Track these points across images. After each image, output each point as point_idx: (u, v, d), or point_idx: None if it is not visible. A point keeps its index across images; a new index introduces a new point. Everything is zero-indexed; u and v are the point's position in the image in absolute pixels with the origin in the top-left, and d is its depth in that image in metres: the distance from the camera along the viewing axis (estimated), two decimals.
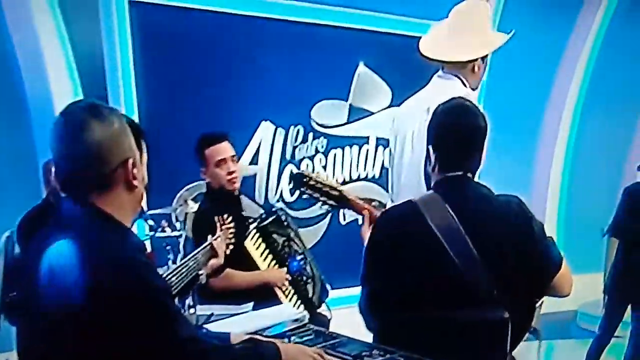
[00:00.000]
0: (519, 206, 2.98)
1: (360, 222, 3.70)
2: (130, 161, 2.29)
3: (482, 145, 3.01)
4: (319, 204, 3.82)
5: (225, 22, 6.62)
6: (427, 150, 3.04)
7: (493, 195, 3.02)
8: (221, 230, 4.34)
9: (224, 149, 4.87)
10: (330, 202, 3.66)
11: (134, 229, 2.46)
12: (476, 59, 4.08)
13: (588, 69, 9.26)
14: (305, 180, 3.64)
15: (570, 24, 9.10)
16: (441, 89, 3.85)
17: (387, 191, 4.19)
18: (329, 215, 7.27)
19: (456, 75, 4.06)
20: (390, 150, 4.21)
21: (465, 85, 4.04)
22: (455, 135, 2.98)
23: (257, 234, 4.83)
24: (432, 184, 3.05)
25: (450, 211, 2.88)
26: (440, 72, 4.13)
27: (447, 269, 2.82)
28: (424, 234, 2.85)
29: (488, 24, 4.20)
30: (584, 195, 9.24)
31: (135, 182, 2.33)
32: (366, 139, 7.64)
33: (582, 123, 9.36)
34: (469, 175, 3.01)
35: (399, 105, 6.96)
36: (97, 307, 2.13)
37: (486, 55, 4.13)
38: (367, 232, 3.33)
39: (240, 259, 4.64)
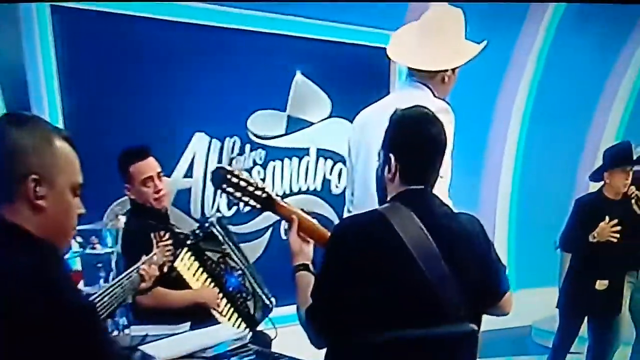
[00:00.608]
0: (480, 225, 3.02)
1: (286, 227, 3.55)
2: (31, 178, 2.17)
3: (442, 159, 3.01)
4: (258, 217, 3.73)
5: (155, 29, 6.45)
6: (387, 158, 3.00)
7: (454, 212, 3.06)
8: (157, 247, 4.24)
9: (150, 165, 4.79)
10: (255, 203, 3.43)
11: None
12: (446, 70, 4.04)
13: (535, 78, 9.21)
14: (228, 177, 3.40)
15: (514, 34, 9.06)
16: (409, 98, 3.68)
17: (332, 205, 4.07)
18: (270, 229, 7.16)
19: (425, 84, 4.02)
20: (349, 161, 4.14)
21: (435, 96, 3.99)
22: (423, 146, 2.97)
23: (189, 253, 4.72)
24: (390, 195, 3.03)
25: (421, 224, 2.86)
26: (406, 80, 4.08)
27: (418, 282, 2.80)
28: (393, 245, 2.81)
29: (462, 33, 4.11)
30: (536, 207, 9.19)
31: (39, 203, 2.23)
32: (306, 151, 7.54)
33: (530, 133, 9.30)
34: (429, 189, 3.01)
35: (340, 116, 7.34)
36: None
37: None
38: (295, 240, 3.30)
39: (172, 279, 4.55)
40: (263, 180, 7.22)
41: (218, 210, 6.89)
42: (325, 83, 7.52)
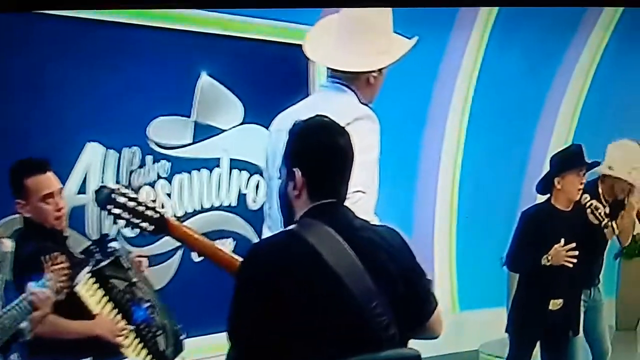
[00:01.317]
0: (402, 238, 3.02)
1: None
2: None
3: (351, 171, 2.98)
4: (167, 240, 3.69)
5: (38, 24, 6.06)
6: (291, 173, 2.94)
7: (373, 225, 3.07)
8: (50, 272, 3.99)
9: (50, 181, 4.62)
10: (146, 226, 3.30)
11: None
12: (372, 71, 3.89)
13: (470, 86, 9.06)
14: (113, 196, 3.23)
15: (443, 39, 8.92)
16: (330, 102, 3.68)
17: (250, 222, 4.00)
18: (180, 251, 6.80)
19: (348, 87, 3.86)
20: (266, 171, 4.05)
21: (359, 100, 3.85)
22: (331, 157, 2.95)
23: (92, 279, 4.48)
24: (299, 213, 2.96)
25: (340, 238, 2.82)
26: (326, 82, 3.95)
27: (346, 301, 2.77)
28: (313, 265, 2.77)
29: (389, 27, 3.95)
30: (479, 221, 9.04)
31: None
32: (217, 162, 7.18)
33: (469, 144, 9.15)
34: (342, 203, 2.98)
35: (254, 122, 7.00)
36: None
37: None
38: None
39: (73, 308, 4.32)
40: (169, 195, 6.88)
41: (118, 231, 6.36)
42: (235, 85, 7.19)
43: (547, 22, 8.95)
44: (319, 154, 2.95)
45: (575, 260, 5.90)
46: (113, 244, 4.72)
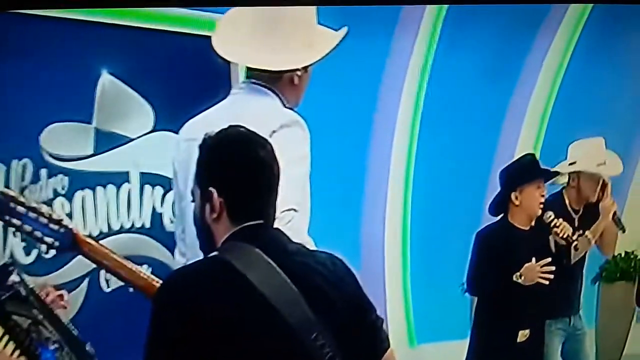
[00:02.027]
0: (345, 266, 2.96)
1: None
2: None
3: (278, 188, 2.92)
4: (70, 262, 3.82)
5: None
6: (206, 194, 2.85)
7: (311, 250, 3.05)
8: None
9: None
10: (50, 240, 3.27)
11: None
12: (296, 69, 3.82)
13: (420, 91, 8.85)
14: (12, 206, 3.18)
15: (387, 38, 8.72)
16: (246, 108, 3.62)
17: (167, 245, 3.92)
18: (86, 280, 6.46)
19: (269, 89, 3.77)
20: (175, 187, 3.96)
21: (284, 104, 3.77)
22: (252, 173, 2.86)
23: None
24: (220, 238, 2.88)
25: (272, 263, 2.75)
26: (243, 83, 3.90)
27: (282, 333, 2.70)
28: (244, 293, 2.70)
29: (313, 18, 3.87)
30: (435, 245, 8.86)
31: None
32: (126, 176, 6.75)
33: (421, 157, 8.96)
34: (271, 225, 2.93)
35: (167, 129, 6.57)
36: None
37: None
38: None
39: None
40: (69, 216, 6.42)
41: (12, 257, 6.18)
42: (143, 85, 6.77)
43: (503, 21, 8.77)
44: (237, 171, 2.86)
45: (551, 277, 5.82)
46: (13, 277, 4.12)
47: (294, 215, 3.37)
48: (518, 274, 5.86)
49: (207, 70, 6.71)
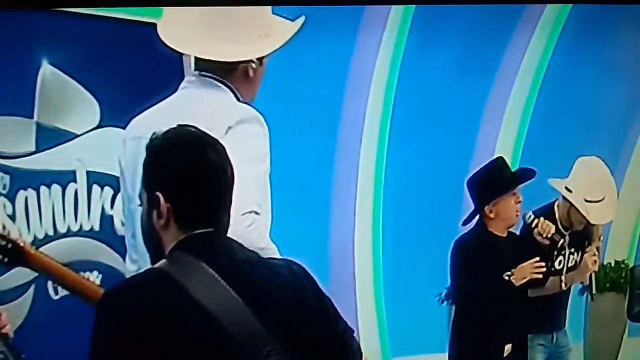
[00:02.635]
0: (307, 274, 2.88)
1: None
2: None
3: (232, 192, 2.83)
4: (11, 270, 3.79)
5: None
6: (154, 199, 2.77)
7: (266, 259, 2.94)
8: None
9: None
10: (1, 258, 3.33)
11: None
12: (251, 60, 3.76)
13: (389, 92, 8.74)
14: None
15: (351, 36, 8.65)
16: (197, 103, 3.57)
17: (118, 250, 4.01)
18: (32, 285, 6.31)
19: (222, 82, 3.70)
20: (123, 188, 3.98)
21: (238, 99, 3.71)
22: (202, 177, 2.77)
23: None
24: (168, 246, 2.80)
25: (217, 276, 2.67)
26: (192, 76, 3.79)
27: (231, 356, 2.64)
28: (185, 310, 2.62)
29: (268, 8, 3.86)
30: (408, 254, 8.72)
31: None
32: (72, 175, 6.57)
33: (393, 159, 8.76)
34: (222, 231, 2.83)
35: (115, 125, 6.44)
36: None
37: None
38: None
39: None
40: (12, 218, 6.30)
41: None
42: (88, 77, 6.59)
43: (474, 21, 8.70)
44: (186, 174, 2.79)
45: (544, 270, 5.81)
46: None
47: (255, 218, 3.30)
48: (509, 272, 5.80)
49: (158, 61, 6.61)
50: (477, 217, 6.08)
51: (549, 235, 6.02)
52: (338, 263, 8.51)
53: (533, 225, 6.01)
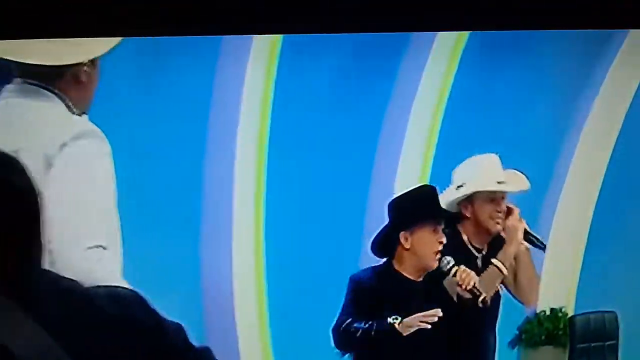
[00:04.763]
0: (142, 304, 2.70)
1: None
2: None
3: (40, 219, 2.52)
4: None
5: None
6: None
7: (86, 288, 2.71)
8: None
9: None
10: None
11: None
12: (81, 63, 3.63)
13: (265, 109, 8.47)
14: None
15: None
16: (20, 115, 3.47)
17: None
18: None
19: (50, 90, 3.53)
20: None
21: (70, 109, 3.53)
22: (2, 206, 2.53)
23: None
24: None
25: (25, 317, 2.46)
26: (14, 84, 3.60)
27: None
28: None
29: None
30: (303, 291, 8.30)
31: None
32: None
33: (276, 185, 8.41)
34: (36, 263, 2.57)
35: None
36: None
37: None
38: None
39: None
40: None
41: None
42: None
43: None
44: None
45: (435, 320, 5.22)
46: None
47: (103, 253, 3.20)
48: (395, 316, 5.34)
49: None
50: (388, 249, 5.55)
51: (468, 287, 5.41)
52: (213, 307, 8.10)
53: (452, 274, 5.44)
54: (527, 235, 5.86)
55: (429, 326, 5.21)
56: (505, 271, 5.67)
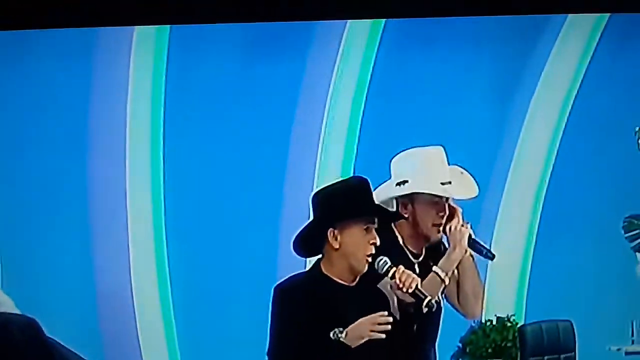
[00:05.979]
0: (36, 330, 3.08)
1: None
2: None
3: None
4: None
5: None
6: None
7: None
8: None
9: None
10: None
11: None
12: None
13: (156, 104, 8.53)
14: None
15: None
16: None
17: None
18: None
19: None
20: None
21: None
22: None
23: None
24: None
25: None
26: None
27: None
28: None
29: None
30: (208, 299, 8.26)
31: None
32: None
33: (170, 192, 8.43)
34: None
35: None
36: None
37: None
38: None
39: None
40: None
41: None
42: None
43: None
44: None
45: (388, 328, 4.81)
46: None
47: None
48: (339, 329, 4.86)
49: None
50: (313, 247, 5.01)
51: (410, 290, 4.84)
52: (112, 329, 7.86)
53: (389, 275, 4.87)
54: (474, 244, 5.40)
55: (383, 336, 4.74)
56: (447, 281, 5.21)
